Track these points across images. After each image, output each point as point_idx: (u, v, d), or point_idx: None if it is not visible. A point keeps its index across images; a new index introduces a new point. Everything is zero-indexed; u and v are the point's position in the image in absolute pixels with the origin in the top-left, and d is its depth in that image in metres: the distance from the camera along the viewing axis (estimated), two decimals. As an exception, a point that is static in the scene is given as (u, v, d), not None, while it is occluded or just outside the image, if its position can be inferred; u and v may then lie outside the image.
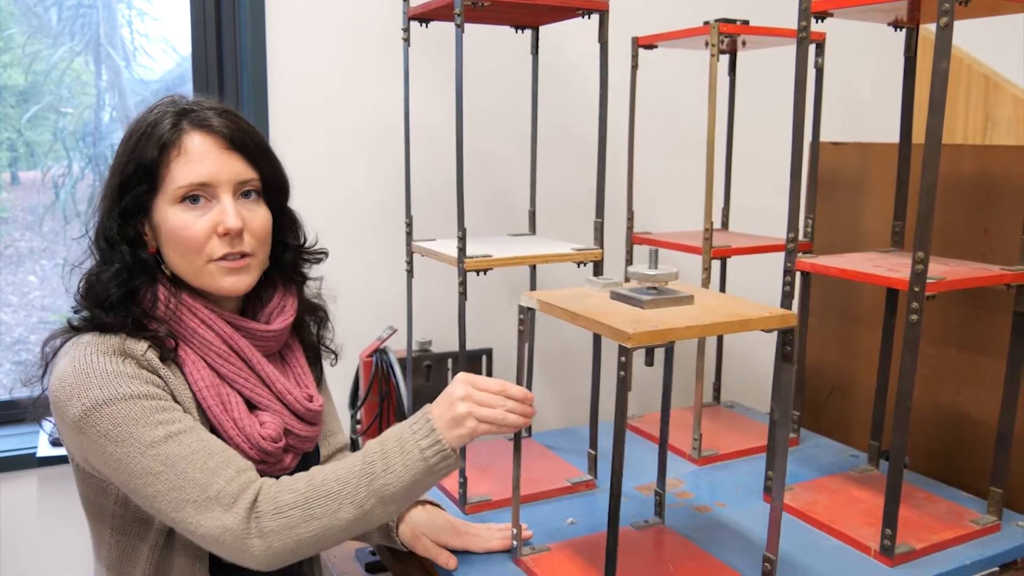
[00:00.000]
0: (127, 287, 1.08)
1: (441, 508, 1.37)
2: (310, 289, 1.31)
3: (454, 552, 1.31)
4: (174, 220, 1.07)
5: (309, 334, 1.31)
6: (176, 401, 1.07)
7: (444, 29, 1.65)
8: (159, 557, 1.10)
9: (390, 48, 2.02)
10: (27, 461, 1.84)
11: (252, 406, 1.14)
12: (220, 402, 1.09)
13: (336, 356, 1.36)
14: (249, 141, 1.11)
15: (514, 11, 1.55)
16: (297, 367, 1.23)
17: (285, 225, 1.22)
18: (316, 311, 1.32)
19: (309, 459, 1.26)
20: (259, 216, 1.13)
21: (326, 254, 1.30)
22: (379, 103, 2.06)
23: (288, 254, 1.23)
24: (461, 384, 1.11)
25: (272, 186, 1.16)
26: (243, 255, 1.10)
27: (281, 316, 1.19)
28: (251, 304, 1.20)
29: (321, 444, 1.35)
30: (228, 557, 1.02)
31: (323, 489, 1.03)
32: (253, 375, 1.13)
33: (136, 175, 1.07)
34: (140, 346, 1.05)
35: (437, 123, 2.00)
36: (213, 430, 1.10)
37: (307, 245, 1.27)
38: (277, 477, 1.08)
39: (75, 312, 1.11)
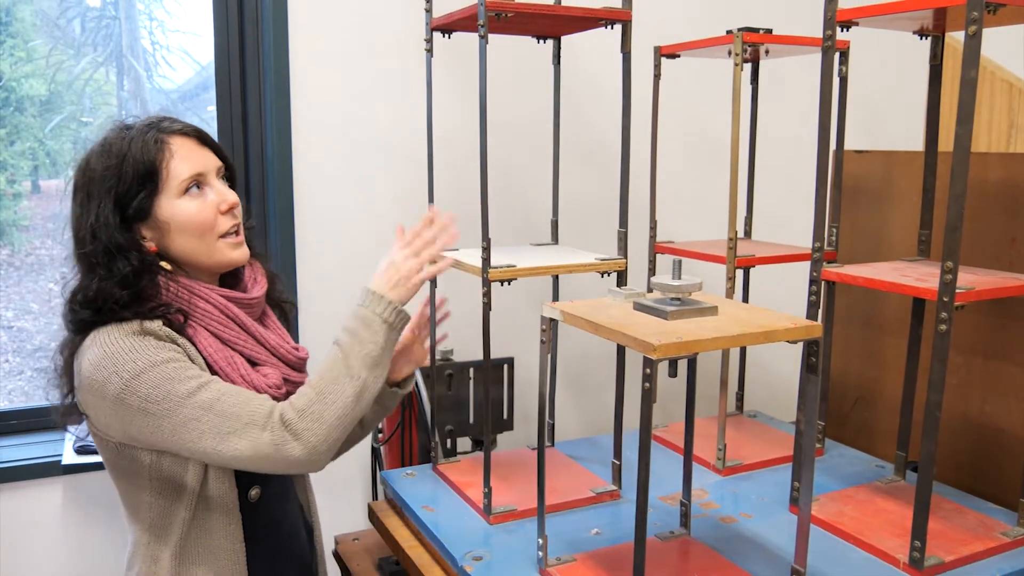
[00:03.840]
0: (135, 288, 1.18)
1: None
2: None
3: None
4: (185, 208, 1.22)
5: (274, 296, 1.44)
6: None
7: (462, 38, 1.65)
8: (194, 516, 1.23)
9: (411, 57, 2.02)
10: (52, 469, 1.85)
11: (253, 364, 1.28)
12: (229, 363, 1.24)
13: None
14: (210, 139, 1.30)
15: (537, 22, 1.55)
16: (275, 326, 1.38)
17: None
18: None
19: None
20: (235, 195, 1.30)
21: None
22: (399, 111, 2.06)
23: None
24: (385, 260, 1.31)
25: (232, 172, 1.34)
26: (237, 231, 1.28)
27: (257, 285, 1.34)
28: (228, 279, 1.34)
29: None
30: (276, 469, 1.17)
31: (327, 378, 1.20)
32: (250, 337, 1.28)
33: (136, 183, 1.19)
34: (156, 324, 1.18)
35: (455, 131, 2.00)
36: None
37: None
38: None
39: (71, 323, 1.19)
